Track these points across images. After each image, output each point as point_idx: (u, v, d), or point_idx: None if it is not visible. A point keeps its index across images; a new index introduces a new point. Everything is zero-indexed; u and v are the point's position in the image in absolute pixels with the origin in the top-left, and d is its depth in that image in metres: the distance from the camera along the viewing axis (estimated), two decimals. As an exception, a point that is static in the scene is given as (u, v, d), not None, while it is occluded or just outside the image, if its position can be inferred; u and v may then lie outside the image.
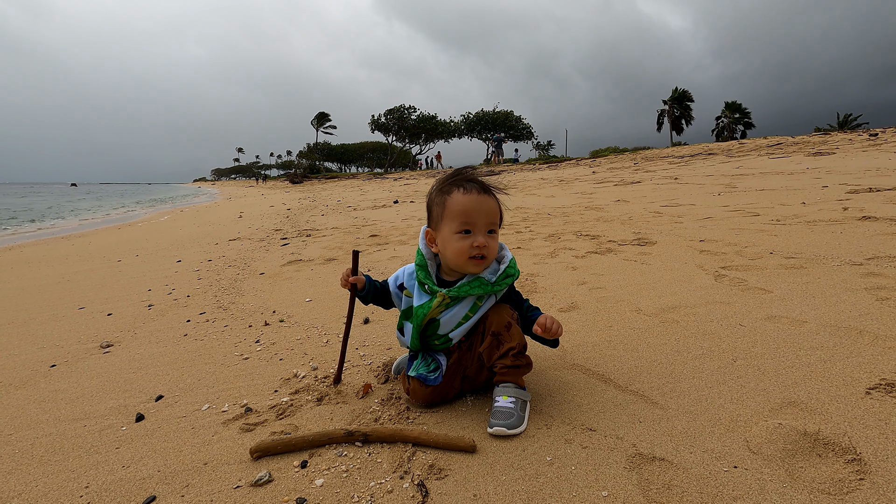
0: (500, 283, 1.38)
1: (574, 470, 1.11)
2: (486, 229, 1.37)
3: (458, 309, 1.39)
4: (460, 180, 1.39)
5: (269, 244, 5.35)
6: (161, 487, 1.17)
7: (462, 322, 1.40)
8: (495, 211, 1.39)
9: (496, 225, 1.39)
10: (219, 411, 1.54)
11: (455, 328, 1.41)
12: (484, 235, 1.36)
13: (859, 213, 3.74)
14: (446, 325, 1.41)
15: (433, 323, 1.42)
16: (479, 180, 1.40)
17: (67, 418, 1.58)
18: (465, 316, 1.40)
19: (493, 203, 1.38)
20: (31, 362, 2.12)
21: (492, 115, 50.36)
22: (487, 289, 1.37)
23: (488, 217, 1.37)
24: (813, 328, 1.76)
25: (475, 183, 1.38)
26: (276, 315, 2.55)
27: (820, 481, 1.01)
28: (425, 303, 1.41)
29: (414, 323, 1.43)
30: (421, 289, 1.44)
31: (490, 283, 1.37)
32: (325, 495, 1.10)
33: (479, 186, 1.38)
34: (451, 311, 1.39)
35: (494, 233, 1.39)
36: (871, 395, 1.31)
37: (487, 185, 1.40)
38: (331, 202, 12.54)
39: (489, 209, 1.37)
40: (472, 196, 1.36)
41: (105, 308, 2.98)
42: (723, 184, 6.98)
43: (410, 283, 1.48)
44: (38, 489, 1.20)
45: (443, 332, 1.42)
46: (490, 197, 1.38)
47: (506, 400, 1.32)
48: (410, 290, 1.48)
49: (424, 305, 1.41)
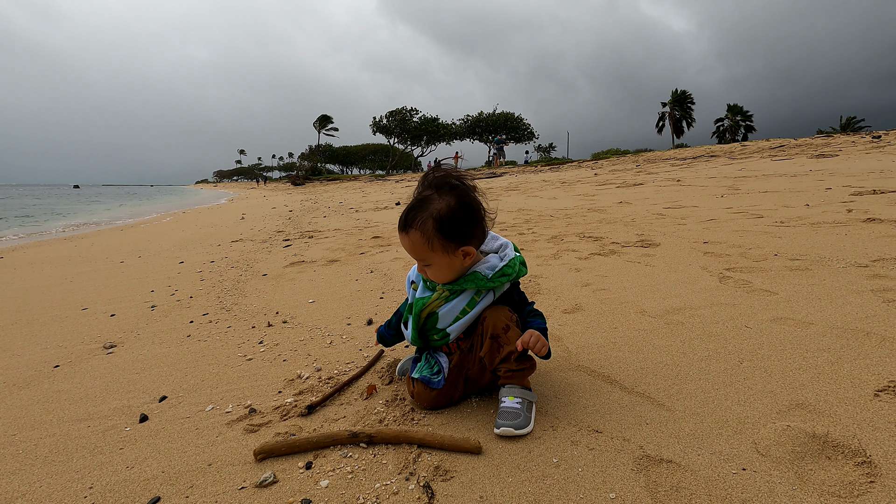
0: (494, 279, 1.38)
1: (581, 472, 1.11)
2: (420, 263, 1.39)
3: (457, 302, 1.40)
4: (410, 205, 1.36)
5: (272, 245, 5.35)
6: (165, 488, 1.17)
7: (460, 317, 1.40)
8: (413, 248, 1.34)
9: (425, 259, 1.35)
10: (223, 412, 1.53)
11: (453, 322, 1.41)
12: (419, 265, 1.39)
13: (864, 214, 3.72)
14: (444, 319, 1.41)
15: (432, 317, 1.43)
16: (411, 207, 1.35)
17: (71, 419, 1.57)
18: (463, 310, 1.40)
19: (408, 242, 1.34)
20: (34, 363, 2.12)
21: (492, 117, 50.40)
22: (482, 283, 1.37)
23: (410, 251, 1.36)
24: (819, 330, 1.75)
25: (403, 213, 1.35)
26: (279, 316, 2.55)
27: (830, 484, 1.00)
28: (426, 296, 1.44)
29: (413, 314, 1.45)
30: (424, 284, 1.48)
31: (485, 279, 1.37)
32: (331, 497, 1.09)
33: (403, 221, 1.35)
34: (449, 305, 1.40)
35: (430, 265, 1.36)
36: (879, 397, 1.30)
37: (411, 216, 1.33)
38: (333, 204, 12.55)
39: (406, 246, 1.36)
40: (400, 233, 1.36)
41: (108, 309, 2.98)
42: (726, 186, 6.96)
43: (418, 278, 1.52)
44: (43, 489, 1.20)
45: (441, 325, 1.42)
46: (404, 236, 1.34)
47: (512, 400, 1.32)
48: (417, 283, 1.52)
49: (424, 298, 1.44)
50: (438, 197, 1.33)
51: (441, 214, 1.30)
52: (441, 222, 1.30)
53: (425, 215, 1.31)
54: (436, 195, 1.33)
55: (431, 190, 1.35)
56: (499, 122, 50.18)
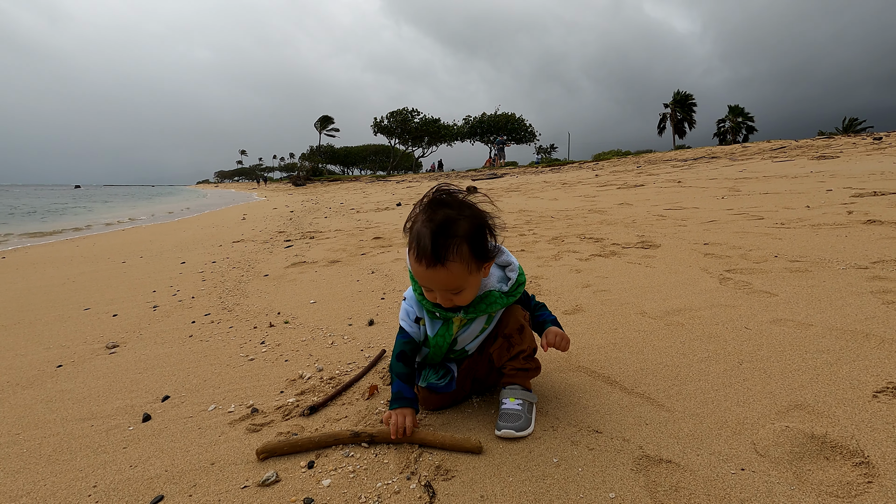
0: (513, 293, 1.35)
1: (581, 471, 1.11)
2: (447, 293, 1.24)
3: (475, 325, 1.38)
4: (419, 234, 1.18)
5: (273, 246, 5.37)
6: (169, 487, 1.17)
7: (479, 335, 1.40)
8: (451, 280, 1.19)
9: (460, 287, 1.22)
10: (225, 412, 1.54)
11: (472, 341, 1.41)
12: (445, 296, 1.24)
13: (864, 216, 3.73)
14: (463, 342, 1.41)
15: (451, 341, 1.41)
16: (436, 235, 1.15)
17: (74, 418, 1.58)
18: (482, 329, 1.40)
19: (445, 275, 1.18)
20: (37, 362, 2.13)
21: (493, 118, 50.42)
22: (504, 302, 1.33)
23: (445, 286, 1.21)
24: (819, 331, 1.76)
25: (428, 246, 1.15)
26: (280, 317, 2.56)
27: (828, 484, 1.01)
28: (440, 329, 1.36)
29: (435, 352, 1.39)
30: (431, 316, 1.37)
31: (504, 296, 1.33)
32: (333, 496, 1.10)
33: (430, 256, 1.15)
34: (469, 329, 1.38)
35: (463, 290, 1.24)
36: (878, 398, 1.30)
37: (442, 247, 1.15)
38: (334, 204, 12.56)
39: (442, 281, 1.20)
40: (422, 268, 1.19)
41: (110, 309, 2.99)
42: (726, 187, 6.97)
43: (421, 312, 1.39)
44: (47, 488, 1.21)
45: (459, 347, 1.42)
46: (440, 269, 1.16)
47: (513, 402, 1.32)
48: (423, 317, 1.39)
49: (441, 333, 1.36)
50: (458, 215, 1.20)
51: (471, 234, 1.19)
52: (474, 243, 1.20)
53: (458, 241, 1.17)
54: (452, 213, 1.20)
55: (440, 209, 1.21)
56: (500, 122, 50.20)
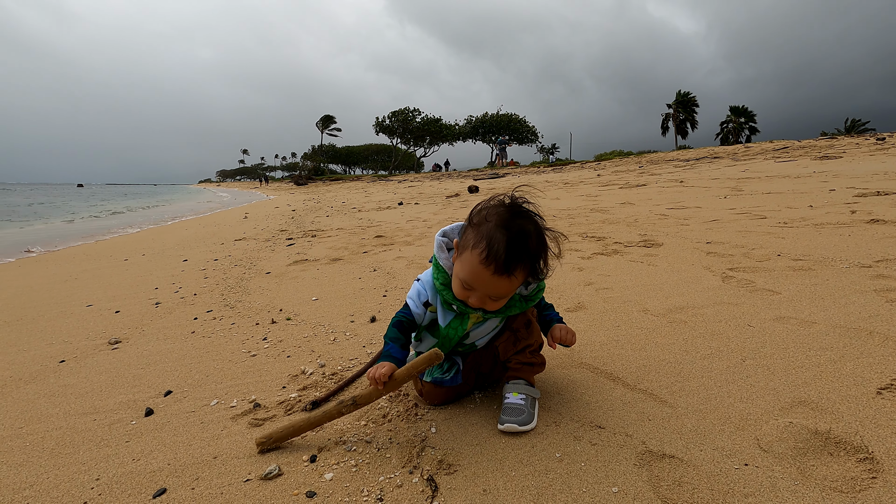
0: (532, 297, 1.34)
1: (584, 466, 1.11)
2: (489, 296, 1.24)
3: (490, 323, 1.38)
4: (493, 237, 1.17)
5: (275, 244, 5.37)
6: (171, 480, 1.18)
7: (491, 332, 1.41)
8: (506, 290, 1.22)
9: (506, 297, 1.25)
10: (227, 406, 1.54)
11: (483, 337, 1.42)
12: (483, 299, 1.24)
13: (867, 216, 3.71)
14: (475, 336, 1.41)
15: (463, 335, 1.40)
16: (511, 246, 1.15)
17: (77, 412, 1.58)
18: (495, 327, 1.40)
19: (506, 284, 1.19)
20: (40, 357, 2.14)
21: (495, 118, 50.40)
22: (523, 306, 1.33)
23: (496, 293, 1.22)
24: (822, 329, 1.75)
25: (501, 254, 1.15)
26: (282, 313, 2.56)
27: (832, 479, 1.01)
28: (452, 322, 1.34)
29: (444, 343, 1.38)
30: (446, 307, 1.35)
31: (524, 300, 1.33)
32: (335, 489, 1.10)
33: (502, 264, 1.15)
34: (483, 325, 1.38)
35: (504, 298, 1.26)
36: (882, 395, 1.30)
37: (515, 258, 1.16)
38: (335, 203, 12.57)
39: (498, 289, 1.21)
40: (487, 272, 1.17)
41: (113, 305, 3.00)
42: (729, 187, 6.95)
43: (435, 299, 1.37)
44: (50, 481, 1.21)
45: (470, 341, 1.42)
46: (504, 279, 1.17)
47: (516, 397, 1.33)
48: (435, 304, 1.38)
49: (453, 326, 1.35)
50: (535, 231, 1.22)
51: (538, 255, 1.22)
52: (535, 265, 1.22)
53: (528, 257, 1.19)
54: (530, 228, 1.21)
55: (518, 219, 1.21)
56: (501, 122, 50.18)
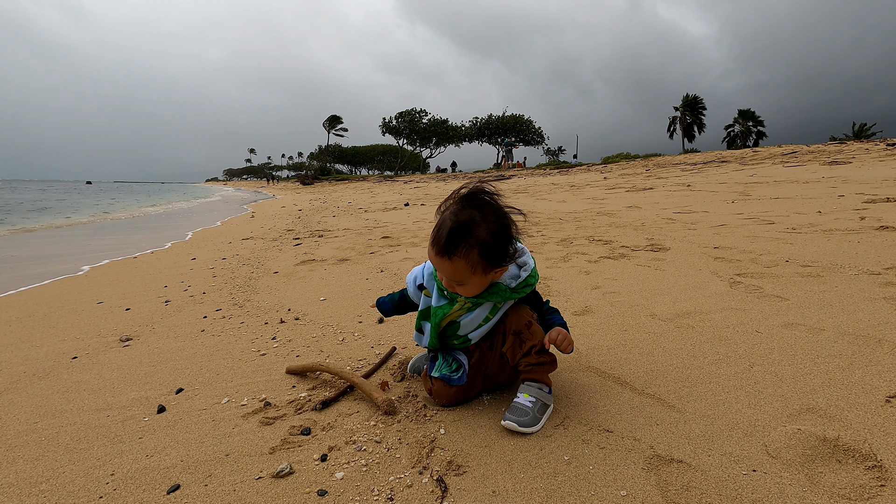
0: (519, 290, 1.38)
1: (592, 469, 1.12)
2: (452, 280, 1.32)
3: (479, 312, 1.40)
4: (443, 222, 1.27)
5: (282, 244, 5.41)
6: (185, 476, 1.20)
7: (482, 324, 1.42)
8: (453, 273, 1.28)
9: (463, 282, 1.31)
10: (238, 405, 1.56)
11: (475, 329, 1.43)
12: (449, 282, 1.33)
13: (877, 222, 3.69)
14: (466, 327, 1.43)
15: (453, 324, 1.44)
16: (452, 231, 1.24)
17: (91, 408, 1.61)
18: (485, 318, 1.41)
19: (449, 267, 1.27)
20: (53, 354, 2.17)
21: (502, 120, 50.36)
22: (507, 296, 1.37)
23: (450, 276, 1.31)
24: (831, 336, 1.75)
25: (443, 237, 1.25)
26: (291, 313, 2.58)
27: (840, 486, 1.01)
28: (444, 305, 1.42)
29: (432, 323, 1.44)
30: (440, 293, 1.44)
31: (509, 290, 1.36)
32: (346, 488, 1.11)
33: (443, 246, 1.25)
34: (472, 314, 1.41)
35: (465, 285, 1.32)
36: (891, 403, 1.30)
37: (453, 242, 1.24)
38: (342, 204, 12.62)
39: (444, 271, 1.30)
40: (432, 252, 1.29)
41: (123, 303, 3.03)
42: (736, 191, 6.93)
43: (430, 284, 1.48)
44: (66, 475, 1.23)
45: (462, 333, 1.44)
46: (445, 260, 1.26)
47: (525, 398, 1.34)
48: (430, 289, 1.49)
49: (444, 307, 1.42)
50: (481, 220, 1.26)
51: (486, 242, 1.25)
52: (486, 250, 1.25)
53: (470, 243, 1.24)
54: (477, 217, 1.26)
55: (469, 208, 1.27)
56: (508, 124, 50.13)
